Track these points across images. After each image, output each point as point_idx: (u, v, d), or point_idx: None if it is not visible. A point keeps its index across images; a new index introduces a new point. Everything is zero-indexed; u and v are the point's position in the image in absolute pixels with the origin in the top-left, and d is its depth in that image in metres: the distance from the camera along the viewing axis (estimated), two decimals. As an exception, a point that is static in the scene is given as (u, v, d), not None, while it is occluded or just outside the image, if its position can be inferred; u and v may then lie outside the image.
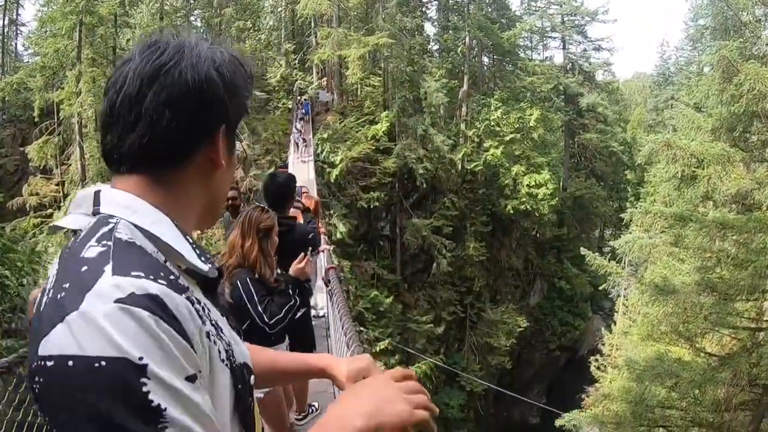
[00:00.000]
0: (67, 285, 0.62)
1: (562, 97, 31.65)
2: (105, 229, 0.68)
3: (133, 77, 0.73)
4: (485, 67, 28.31)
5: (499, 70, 27.35)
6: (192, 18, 25.56)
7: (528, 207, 23.68)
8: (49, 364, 0.58)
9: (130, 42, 23.97)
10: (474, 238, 22.46)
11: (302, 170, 16.32)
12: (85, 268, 0.63)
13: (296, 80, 21.65)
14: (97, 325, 0.58)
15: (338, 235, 18.03)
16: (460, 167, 22.67)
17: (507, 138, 23.24)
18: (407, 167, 20.19)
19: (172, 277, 0.68)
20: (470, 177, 23.54)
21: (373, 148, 19.66)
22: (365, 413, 0.75)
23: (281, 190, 3.71)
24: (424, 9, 27.24)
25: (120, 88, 0.73)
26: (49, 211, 24.94)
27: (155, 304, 0.62)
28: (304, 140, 19.06)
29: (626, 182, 39.95)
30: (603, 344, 26.49)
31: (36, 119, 24.45)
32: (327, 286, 5.25)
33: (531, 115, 24.23)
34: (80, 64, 21.75)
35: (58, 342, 0.58)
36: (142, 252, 0.68)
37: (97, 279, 0.61)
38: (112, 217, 0.71)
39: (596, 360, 25.50)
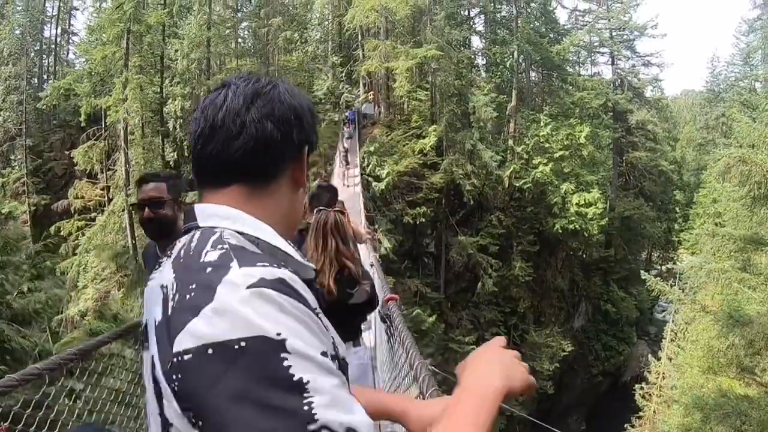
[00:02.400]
0: (193, 286, 0.65)
1: (611, 114, 30.59)
2: (214, 236, 0.73)
3: (235, 96, 0.80)
4: (533, 83, 27.55)
5: (548, 86, 26.54)
6: (239, 29, 25.72)
7: (576, 226, 22.70)
8: (186, 357, 0.61)
9: (178, 52, 24.24)
10: (520, 258, 21.62)
11: (347, 195, 15.65)
12: (209, 269, 0.66)
13: (343, 93, 21.40)
14: (234, 310, 0.61)
15: (383, 251, 17.54)
16: (507, 184, 21.93)
17: (556, 155, 22.40)
18: (454, 183, 19.59)
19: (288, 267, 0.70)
20: (518, 194, 22.74)
21: (420, 162, 19.18)
22: (500, 375, 0.76)
23: (332, 192, 3.86)
24: (471, 23, 26.76)
25: (221, 104, 0.79)
26: (93, 214, 25.34)
27: (284, 286, 0.65)
28: (347, 162, 18.43)
29: (675, 203, 38.35)
30: (649, 372, 25.24)
31: (83, 124, 24.90)
32: (385, 322, 4.86)
33: (581, 131, 23.34)
34: (127, 71, 22.02)
35: (195, 334, 0.61)
36: (255, 251, 0.73)
37: (225, 273, 0.65)
38: (214, 228, 0.76)
39: (641, 388, 24.31)
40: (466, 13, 26.86)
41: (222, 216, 0.78)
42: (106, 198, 25.47)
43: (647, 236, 32.62)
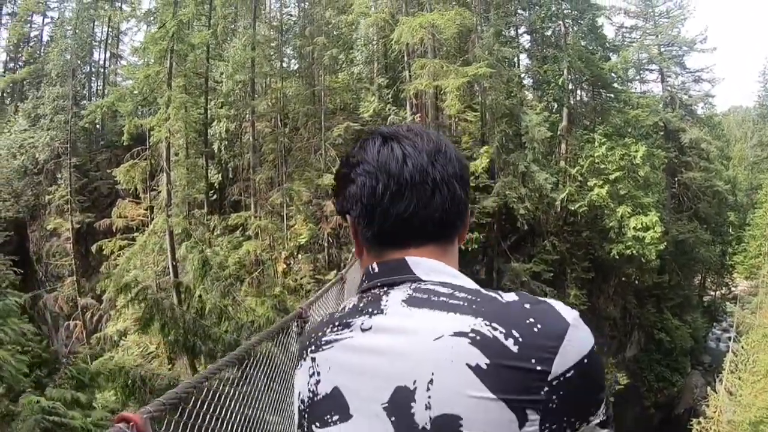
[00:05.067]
0: (531, 320, 0.71)
1: (662, 133, 29.37)
2: (472, 287, 0.77)
3: (416, 151, 0.80)
4: (584, 100, 26.65)
5: (599, 104, 25.60)
6: (284, 49, 25.64)
7: (634, 252, 21.50)
8: (570, 374, 0.69)
9: (223, 75, 24.24)
10: (575, 285, 20.54)
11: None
12: (528, 305, 0.73)
13: (389, 115, 20.93)
14: (585, 326, 0.74)
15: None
16: (559, 208, 20.96)
17: (612, 176, 21.35)
18: (507, 207, 18.76)
19: None
20: (572, 218, 21.73)
21: (472, 185, 18.36)
22: None
23: None
24: (518, 41, 26.13)
25: (402, 160, 0.79)
26: (135, 234, 25.37)
27: None
28: None
29: (729, 224, 36.54)
30: (707, 405, 23.72)
31: (125, 143, 25.08)
32: None
33: (637, 151, 22.26)
34: (170, 90, 22.05)
35: (576, 348, 0.70)
36: None
37: (553, 308, 0.74)
38: (445, 282, 0.78)
39: (699, 423, 22.84)
40: (513, 32, 26.27)
41: (447, 273, 0.79)
42: (149, 218, 25.50)
43: (702, 260, 31.04)
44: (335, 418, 0.74)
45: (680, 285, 29.45)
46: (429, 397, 0.67)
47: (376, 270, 0.81)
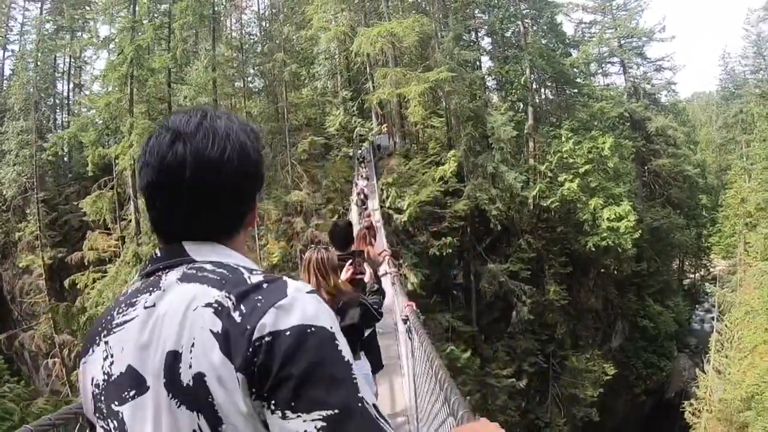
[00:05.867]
0: (259, 297, 0.77)
1: (628, 123, 29.88)
2: (241, 265, 0.84)
3: (197, 160, 0.82)
4: (548, 98, 26.96)
5: (564, 100, 25.91)
6: (245, 67, 25.44)
7: (609, 242, 21.67)
8: (267, 339, 0.73)
9: (186, 98, 23.92)
10: (554, 281, 20.59)
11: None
12: (266, 285, 0.79)
13: (355, 127, 20.85)
14: (311, 308, 0.77)
15: (410, 287, 16.65)
16: (532, 205, 21.06)
17: (581, 170, 21.54)
18: (479, 209, 18.78)
19: None
20: (545, 215, 21.85)
21: (442, 190, 18.40)
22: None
23: (348, 229, 4.20)
24: (479, 44, 26.34)
25: (183, 167, 0.81)
26: (108, 266, 24.79)
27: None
28: (366, 207, 16.84)
29: (701, 207, 37.22)
30: (696, 387, 23.90)
31: (90, 173, 24.52)
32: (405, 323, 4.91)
33: (604, 143, 22.51)
34: (132, 116, 21.69)
35: (282, 319, 0.74)
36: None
37: (285, 285, 0.79)
38: (222, 261, 0.84)
39: (690, 404, 23.03)
40: (473, 35, 26.49)
41: (220, 253, 0.85)
42: (120, 249, 24.94)
43: (678, 245, 31.55)
44: (132, 393, 0.79)
45: (659, 271, 29.80)
46: (191, 358, 0.75)
47: (158, 255, 0.88)
